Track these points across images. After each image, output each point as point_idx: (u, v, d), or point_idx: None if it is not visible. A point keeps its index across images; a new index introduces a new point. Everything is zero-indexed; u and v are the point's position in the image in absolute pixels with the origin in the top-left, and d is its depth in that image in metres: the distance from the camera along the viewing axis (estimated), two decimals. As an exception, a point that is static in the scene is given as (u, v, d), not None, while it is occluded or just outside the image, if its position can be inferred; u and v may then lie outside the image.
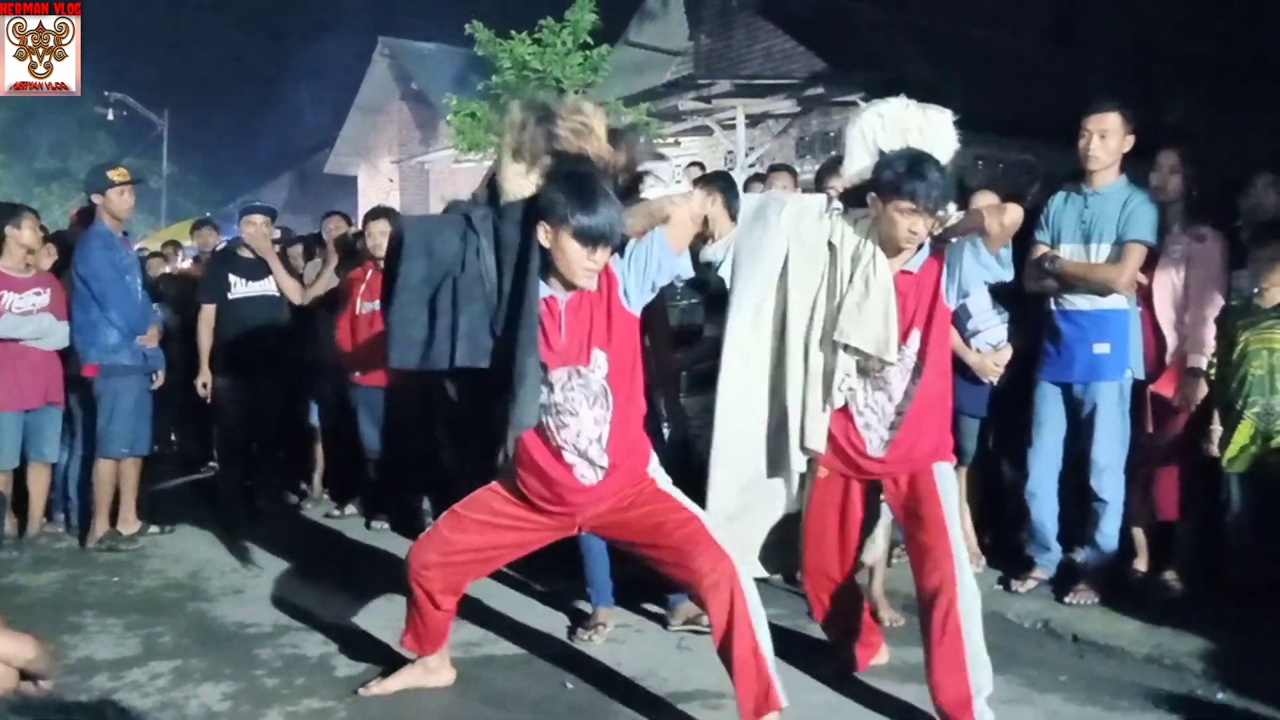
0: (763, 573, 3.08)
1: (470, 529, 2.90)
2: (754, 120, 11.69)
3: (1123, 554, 3.97)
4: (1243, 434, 3.65)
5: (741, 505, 3.04)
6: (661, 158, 3.46)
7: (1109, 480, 3.81)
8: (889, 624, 3.64)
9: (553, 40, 11.16)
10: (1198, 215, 3.92)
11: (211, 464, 6.93)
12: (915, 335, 2.89)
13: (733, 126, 11.43)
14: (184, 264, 8.47)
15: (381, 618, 3.71)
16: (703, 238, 3.23)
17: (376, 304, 5.17)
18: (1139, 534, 4.04)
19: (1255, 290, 3.72)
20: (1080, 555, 3.93)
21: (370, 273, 5.28)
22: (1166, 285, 3.90)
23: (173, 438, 7.40)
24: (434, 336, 2.66)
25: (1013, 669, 3.20)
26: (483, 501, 2.90)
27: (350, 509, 5.54)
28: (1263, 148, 4.27)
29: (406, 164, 18.87)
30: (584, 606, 3.79)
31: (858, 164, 2.93)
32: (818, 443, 2.96)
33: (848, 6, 12.58)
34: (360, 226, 5.69)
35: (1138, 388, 3.86)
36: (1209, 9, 5.68)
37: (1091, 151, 3.79)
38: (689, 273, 2.92)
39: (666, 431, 3.76)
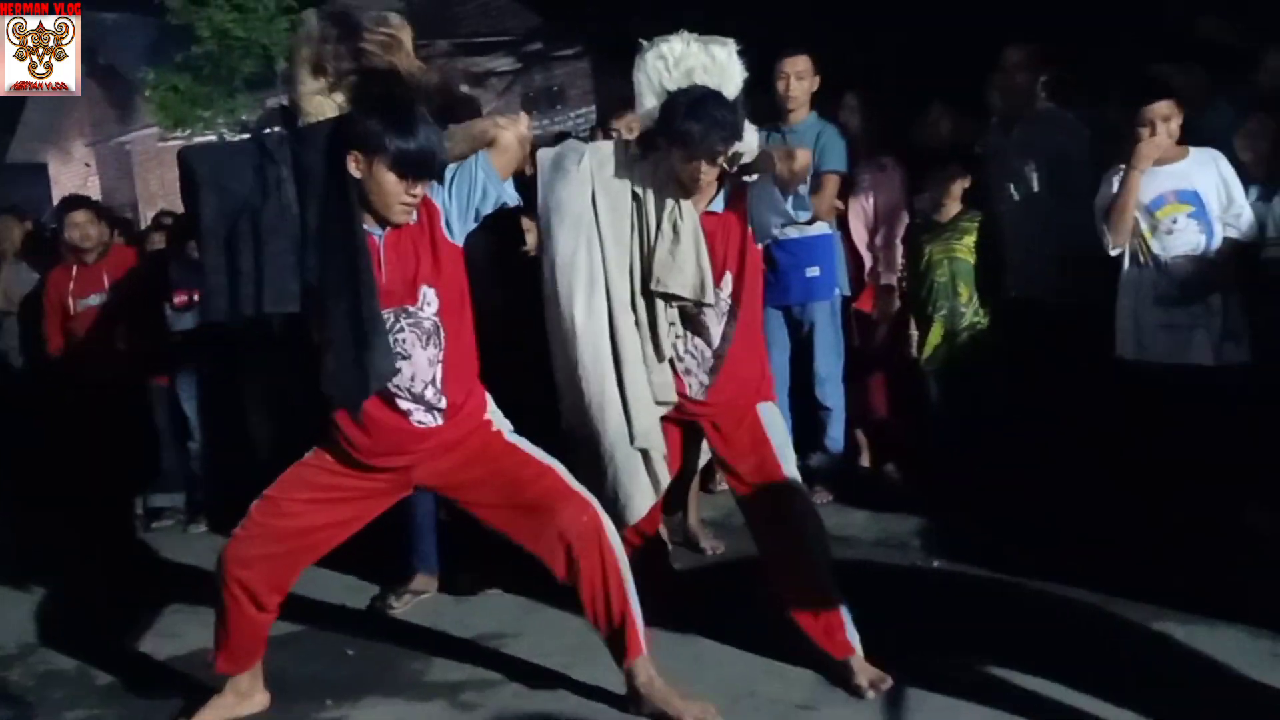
0: None
1: (293, 511, 2.57)
2: (477, 79, 11.62)
3: (849, 454, 4.42)
4: (934, 335, 4.15)
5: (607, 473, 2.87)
6: (477, 82, 3.14)
7: (830, 389, 4.21)
8: (711, 552, 3.75)
9: (254, 6, 10.61)
10: (878, 147, 4.37)
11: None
12: (728, 278, 2.86)
13: (456, 86, 11.34)
14: None
15: (140, 624, 3.54)
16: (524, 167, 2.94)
17: (93, 299, 4.89)
18: (860, 435, 4.51)
19: (934, 208, 4.21)
20: (813, 460, 4.31)
21: (76, 269, 4.91)
22: (858, 211, 4.35)
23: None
24: (237, 280, 2.37)
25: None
26: (300, 479, 2.59)
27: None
28: (934, 81, 4.76)
29: (104, 146, 17.40)
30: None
31: (647, 107, 2.84)
32: (668, 393, 2.88)
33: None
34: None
35: (845, 303, 4.28)
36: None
37: (791, 92, 4.11)
38: (515, 200, 2.68)
39: None
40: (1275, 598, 2.90)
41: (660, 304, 2.85)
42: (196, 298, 4.69)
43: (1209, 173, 3.48)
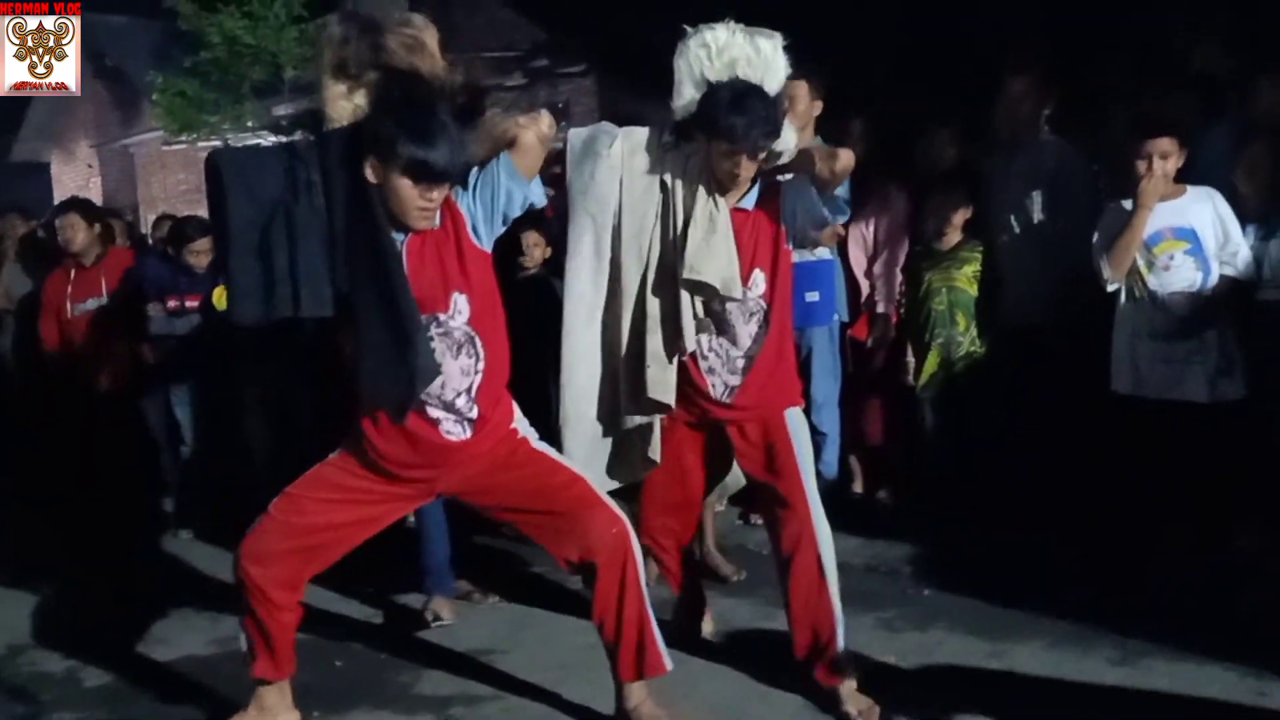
0: None
1: (311, 509, 2.50)
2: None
3: (842, 480, 4.41)
4: (931, 363, 4.18)
5: (584, 466, 2.78)
6: (502, 84, 3.10)
7: (826, 414, 4.20)
8: (734, 578, 3.67)
9: (264, 13, 10.67)
10: (881, 175, 4.39)
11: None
12: (759, 277, 2.78)
13: (461, 100, 11.36)
14: None
15: (129, 628, 3.54)
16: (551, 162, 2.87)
17: (90, 304, 4.88)
18: (854, 460, 4.52)
19: (936, 235, 4.23)
20: (807, 485, 4.32)
21: (74, 272, 4.93)
22: (858, 239, 4.37)
23: None
24: (273, 280, 2.31)
25: (757, 592, 3.48)
26: (322, 479, 2.53)
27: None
28: (935, 106, 4.79)
29: (107, 148, 17.40)
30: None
31: (685, 97, 2.73)
32: (666, 394, 2.80)
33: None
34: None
35: (842, 330, 4.30)
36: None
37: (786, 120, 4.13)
38: (542, 200, 2.59)
39: None
40: (1264, 634, 2.90)
41: (685, 297, 2.77)
42: (189, 303, 4.72)
43: (1206, 210, 3.50)
